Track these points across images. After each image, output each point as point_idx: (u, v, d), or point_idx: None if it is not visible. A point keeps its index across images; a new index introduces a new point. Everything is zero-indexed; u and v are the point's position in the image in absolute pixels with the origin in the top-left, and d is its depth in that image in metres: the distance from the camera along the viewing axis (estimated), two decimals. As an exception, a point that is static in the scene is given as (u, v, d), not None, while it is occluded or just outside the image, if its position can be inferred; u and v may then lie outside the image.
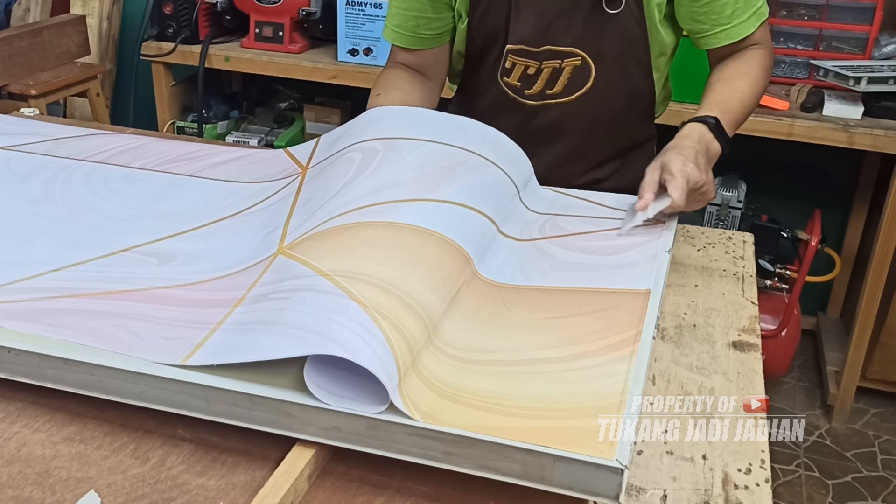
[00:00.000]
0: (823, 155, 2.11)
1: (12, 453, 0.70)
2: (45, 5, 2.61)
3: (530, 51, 1.17)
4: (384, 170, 0.94)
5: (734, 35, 1.16)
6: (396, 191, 0.89)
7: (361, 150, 1.00)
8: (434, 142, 1.00)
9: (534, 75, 1.19)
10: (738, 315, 0.97)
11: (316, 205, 0.93)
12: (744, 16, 1.16)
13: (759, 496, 0.70)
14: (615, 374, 0.71)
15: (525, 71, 1.19)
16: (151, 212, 1.03)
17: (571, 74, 1.18)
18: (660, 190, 0.99)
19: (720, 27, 1.16)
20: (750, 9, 1.16)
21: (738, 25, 1.16)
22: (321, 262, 0.79)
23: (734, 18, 1.15)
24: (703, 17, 1.15)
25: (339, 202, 0.90)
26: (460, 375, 0.71)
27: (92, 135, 1.29)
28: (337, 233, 0.84)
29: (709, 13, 1.14)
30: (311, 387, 0.67)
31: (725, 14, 1.15)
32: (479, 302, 0.83)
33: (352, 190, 0.91)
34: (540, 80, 1.19)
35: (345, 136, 1.07)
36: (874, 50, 2.07)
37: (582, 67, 1.17)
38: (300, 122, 2.54)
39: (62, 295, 0.83)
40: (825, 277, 2.28)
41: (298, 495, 0.66)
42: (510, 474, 0.64)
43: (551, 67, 1.18)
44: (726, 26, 1.16)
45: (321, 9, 2.27)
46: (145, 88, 2.51)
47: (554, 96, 1.20)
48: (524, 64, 1.18)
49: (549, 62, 1.18)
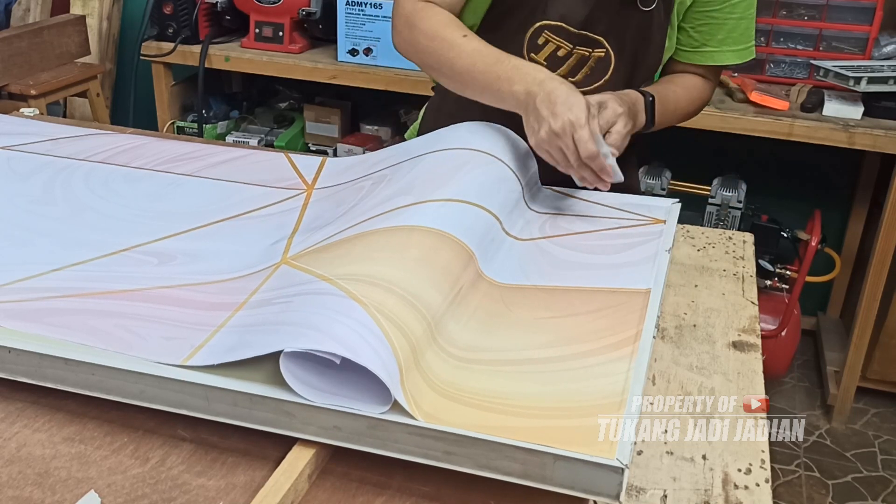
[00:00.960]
0: (823, 155, 2.11)
1: (12, 453, 0.70)
2: (45, 5, 2.61)
3: (569, 31, 1.13)
4: (391, 186, 0.95)
5: (718, 59, 1.18)
6: (402, 199, 0.90)
7: (372, 179, 1.03)
8: (440, 150, 1.00)
9: (563, 58, 1.15)
10: (738, 315, 0.98)
11: (322, 223, 0.94)
12: (735, 46, 1.17)
13: (759, 496, 0.70)
14: (615, 373, 0.71)
15: (555, 52, 1.14)
16: (151, 211, 1.04)
17: (595, 65, 1.15)
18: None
19: (707, 48, 1.17)
20: (743, 43, 1.17)
21: (724, 52, 1.17)
22: (323, 269, 0.79)
23: (724, 45, 1.16)
24: (699, 29, 1.16)
25: (345, 218, 0.91)
26: (461, 375, 0.71)
27: (92, 135, 1.29)
28: (341, 244, 0.84)
29: (705, 31, 1.15)
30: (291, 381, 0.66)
31: (718, 37, 1.16)
32: (481, 301, 0.83)
33: (358, 207, 0.93)
34: (566, 65, 1.15)
35: (357, 167, 1.09)
36: (874, 50, 2.07)
37: (604, 60, 1.15)
38: (300, 122, 2.55)
39: (62, 295, 0.83)
40: (825, 277, 2.28)
41: (298, 495, 0.66)
42: (511, 474, 0.64)
43: (580, 55, 1.15)
44: (713, 49, 1.17)
45: (321, 9, 2.27)
46: (145, 88, 2.51)
47: (574, 84, 1.17)
48: (557, 44, 1.14)
49: (581, 49, 1.14)
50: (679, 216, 1.03)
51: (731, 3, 1.16)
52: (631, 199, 1.07)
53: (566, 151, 0.97)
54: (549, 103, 0.97)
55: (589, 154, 0.96)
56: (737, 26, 1.17)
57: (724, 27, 1.16)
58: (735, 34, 1.17)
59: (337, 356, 0.65)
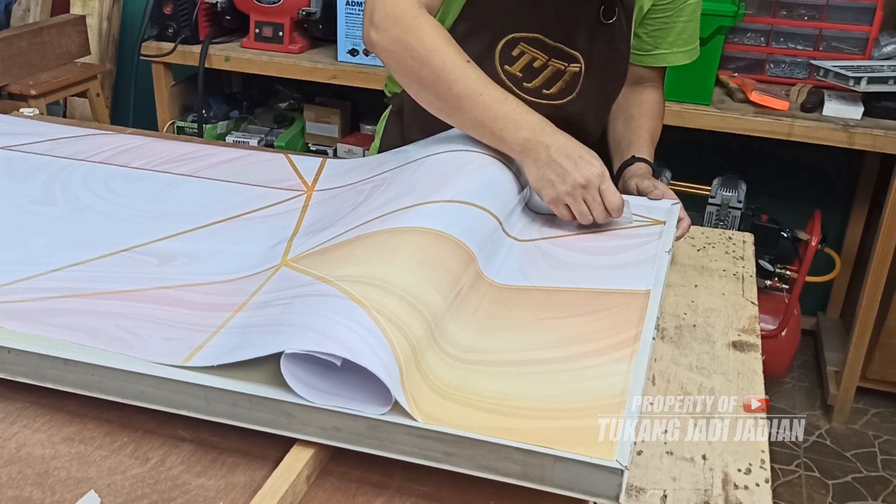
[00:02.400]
0: (823, 155, 2.11)
1: (12, 453, 0.70)
2: (45, 5, 2.61)
3: (546, 43, 1.13)
4: (392, 189, 0.95)
5: (669, 60, 1.22)
6: (402, 200, 0.90)
7: (372, 182, 1.03)
8: (440, 153, 1.00)
9: (538, 69, 1.15)
10: (738, 315, 0.97)
11: (322, 226, 0.94)
12: (684, 47, 1.21)
13: (759, 496, 0.70)
14: (615, 374, 0.71)
15: (531, 63, 1.14)
16: (151, 212, 1.03)
17: (569, 79, 1.16)
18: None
19: (659, 50, 1.20)
20: (690, 44, 1.21)
21: (674, 54, 1.21)
22: (323, 271, 0.79)
23: (674, 46, 1.19)
24: (652, 34, 1.19)
25: (345, 221, 0.91)
26: (462, 376, 0.71)
27: (92, 135, 1.29)
28: (341, 246, 0.84)
29: (658, 35, 1.19)
30: (292, 381, 0.66)
31: (668, 39, 1.19)
32: (481, 302, 0.83)
33: (359, 210, 0.93)
34: (542, 76, 1.16)
35: (358, 171, 1.09)
36: (874, 50, 2.07)
37: (577, 74, 1.16)
38: (300, 122, 2.55)
39: (62, 295, 0.83)
40: (825, 277, 2.28)
41: (297, 496, 0.66)
42: (510, 475, 0.64)
43: (556, 67, 1.15)
44: (665, 51, 1.20)
45: (321, 9, 2.27)
46: (145, 88, 2.51)
47: (549, 97, 1.17)
48: (533, 55, 1.13)
49: (557, 62, 1.15)
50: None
51: (680, 7, 1.19)
52: (631, 199, 1.06)
53: (590, 203, 0.96)
54: (570, 157, 0.96)
55: (617, 206, 0.96)
56: (685, 28, 1.21)
57: (673, 30, 1.20)
58: (684, 36, 1.21)
59: (337, 357, 0.65)
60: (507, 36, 1.13)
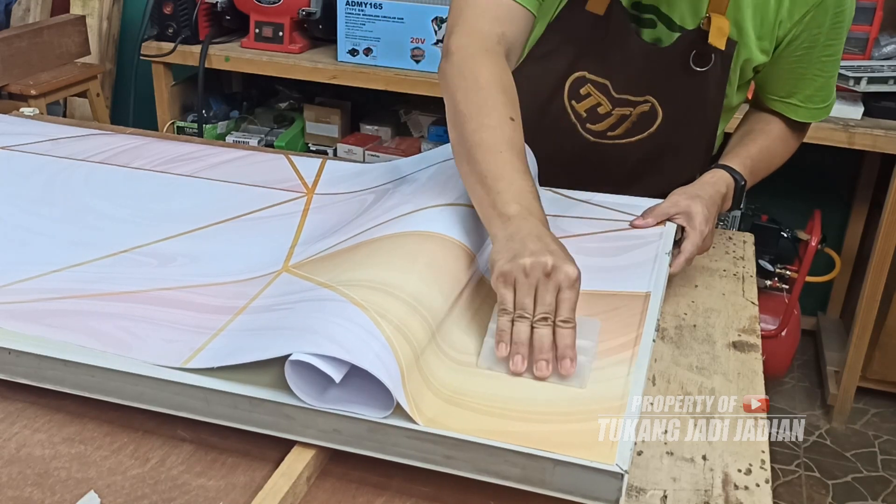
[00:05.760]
0: (823, 155, 2.11)
1: (12, 454, 0.70)
2: (45, 5, 2.61)
3: (610, 91, 1.10)
4: (393, 198, 0.96)
5: (800, 115, 1.14)
6: (403, 208, 0.90)
7: (375, 193, 1.03)
8: (441, 161, 1.00)
9: (603, 115, 1.12)
10: (738, 315, 0.97)
11: (324, 233, 0.94)
12: (819, 104, 1.13)
13: (759, 496, 0.70)
14: (615, 377, 0.72)
15: (595, 107, 1.11)
16: (151, 212, 1.03)
17: (637, 120, 1.12)
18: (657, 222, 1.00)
19: (792, 101, 1.13)
20: (825, 101, 1.13)
21: (809, 109, 1.13)
22: (324, 276, 0.79)
23: (808, 102, 1.13)
24: (785, 83, 1.12)
25: (347, 229, 0.91)
26: (462, 378, 0.71)
27: (92, 135, 1.29)
28: (342, 253, 0.85)
29: (793, 84, 1.12)
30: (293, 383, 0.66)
31: (806, 93, 1.12)
32: (483, 304, 0.82)
33: (360, 219, 0.93)
34: (606, 122, 1.12)
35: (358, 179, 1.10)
36: (874, 50, 2.07)
37: (649, 114, 1.11)
38: (300, 122, 2.54)
39: (62, 296, 0.83)
40: (825, 277, 2.28)
41: (297, 497, 0.66)
42: (510, 478, 0.64)
43: (620, 114, 1.11)
44: (798, 105, 1.13)
45: (321, 9, 2.27)
46: (145, 88, 2.51)
47: (614, 137, 1.13)
48: (598, 100, 1.10)
49: (621, 109, 1.11)
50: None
51: (821, 62, 1.09)
52: (631, 200, 1.06)
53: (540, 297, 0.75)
54: (548, 248, 0.77)
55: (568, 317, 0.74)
56: (826, 84, 1.12)
57: (812, 83, 1.12)
58: (822, 92, 1.12)
59: (340, 371, 0.65)
60: (577, 73, 1.11)
